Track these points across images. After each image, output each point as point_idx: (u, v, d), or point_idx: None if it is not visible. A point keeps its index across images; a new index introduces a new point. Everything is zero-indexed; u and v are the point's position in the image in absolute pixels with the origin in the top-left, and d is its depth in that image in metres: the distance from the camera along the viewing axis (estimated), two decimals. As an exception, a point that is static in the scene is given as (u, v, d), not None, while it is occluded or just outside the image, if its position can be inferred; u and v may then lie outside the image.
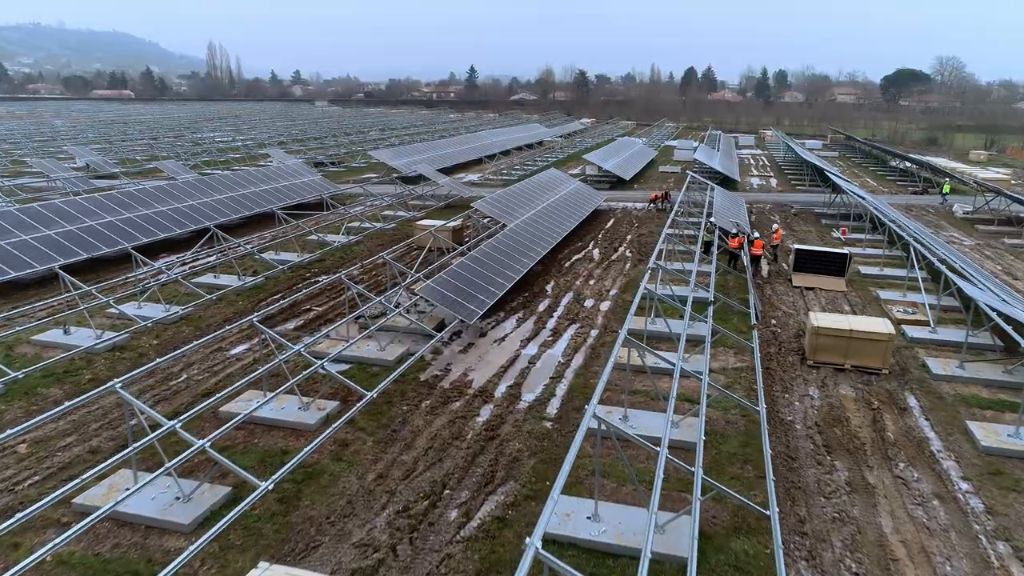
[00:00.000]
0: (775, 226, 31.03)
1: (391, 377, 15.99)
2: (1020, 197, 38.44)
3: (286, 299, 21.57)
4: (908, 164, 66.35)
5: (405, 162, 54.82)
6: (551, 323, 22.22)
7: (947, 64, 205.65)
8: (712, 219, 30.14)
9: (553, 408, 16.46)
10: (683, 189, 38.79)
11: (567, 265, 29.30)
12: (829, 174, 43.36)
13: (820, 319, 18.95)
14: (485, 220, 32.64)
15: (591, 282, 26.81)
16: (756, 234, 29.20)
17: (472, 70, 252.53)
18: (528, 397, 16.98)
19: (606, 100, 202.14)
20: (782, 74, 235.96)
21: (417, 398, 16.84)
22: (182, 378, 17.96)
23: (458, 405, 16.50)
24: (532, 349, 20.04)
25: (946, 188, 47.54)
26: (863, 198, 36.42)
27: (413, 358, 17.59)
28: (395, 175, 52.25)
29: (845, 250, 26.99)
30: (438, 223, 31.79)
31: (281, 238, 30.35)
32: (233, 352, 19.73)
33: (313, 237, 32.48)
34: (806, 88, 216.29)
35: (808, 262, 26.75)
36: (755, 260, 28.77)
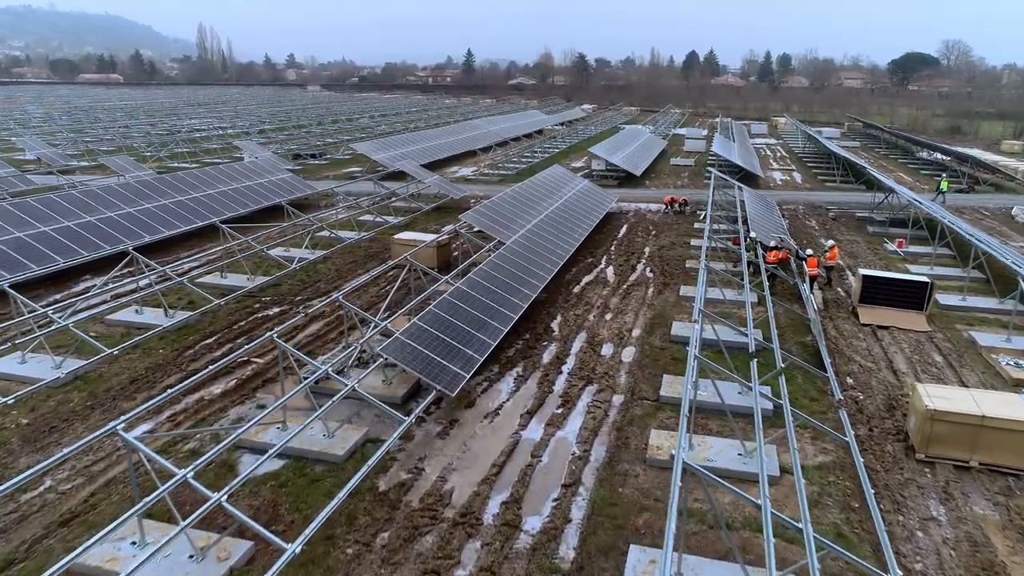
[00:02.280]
0: (830, 243, 25.74)
1: (327, 510, 10.71)
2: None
3: (219, 350, 16.34)
4: (940, 156, 60.93)
5: (390, 155, 49.31)
6: (560, 383, 16.96)
7: (953, 48, 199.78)
8: (753, 234, 24.83)
9: (568, 547, 11.25)
10: (710, 190, 33.41)
11: (576, 291, 24.00)
12: (872, 173, 37.98)
13: (935, 397, 13.70)
14: (475, 230, 27.27)
15: (607, 316, 21.53)
16: (809, 251, 23.93)
17: (469, 54, 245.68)
18: (532, 524, 11.76)
19: (607, 85, 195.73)
20: (785, 58, 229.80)
21: (371, 529, 11.61)
22: (22, 500, 12.71)
23: (429, 542, 11.28)
24: (535, 430, 14.80)
25: (944, 185, 41.81)
26: (919, 202, 31.09)
27: (369, 464, 12.32)
28: (377, 172, 46.74)
29: (924, 276, 21.70)
30: (419, 237, 26.44)
31: (227, 259, 24.96)
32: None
33: (277, 250, 27.16)
34: (811, 73, 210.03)
35: (878, 292, 21.48)
36: (811, 280, 23.58)
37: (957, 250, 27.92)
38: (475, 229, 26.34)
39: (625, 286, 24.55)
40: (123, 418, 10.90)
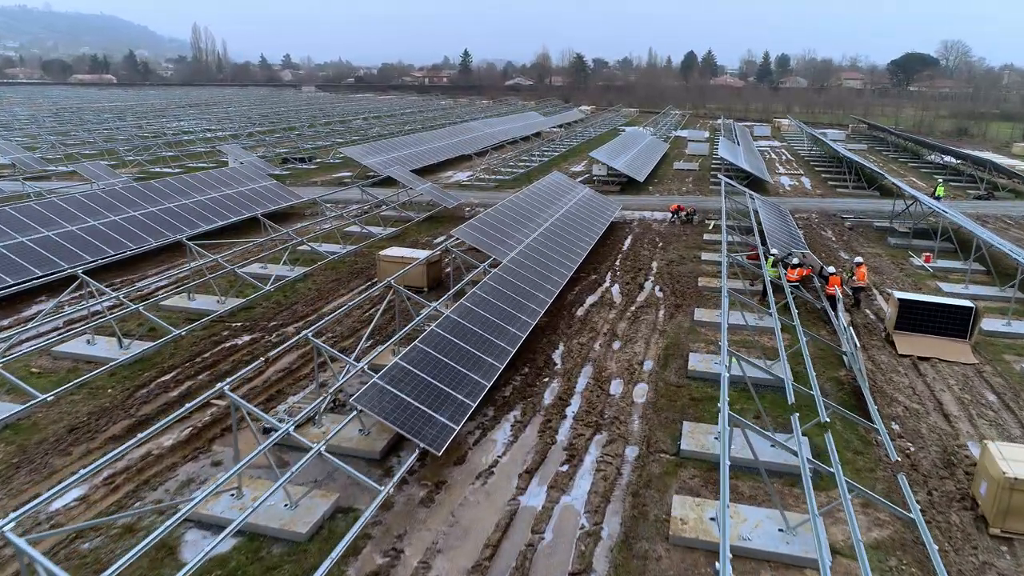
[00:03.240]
0: (858, 259, 23.55)
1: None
2: None
3: (176, 389, 14.11)
4: (952, 159, 58.84)
5: (381, 160, 47.05)
6: (564, 431, 14.76)
7: (952, 48, 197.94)
8: (775, 251, 22.64)
9: (579, 665, 9.04)
10: (722, 198, 31.20)
11: (579, 314, 21.79)
12: (892, 181, 35.85)
13: (1013, 461, 11.52)
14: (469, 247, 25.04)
15: (615, 345, 19.32)
16: (831, 268, 21.76)
17: (466, 54, 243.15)
18: (533, 632, 9.56)
19: (605, 85, 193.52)
20: (784, 59, 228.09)
21: (333, 640, 9.41)
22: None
23: (406, 660, 9.08)
24: (537, 494, 12.59)
25: (940, 190, 39.67)
26: (944, 212, 28.93)
27: (337, 550, 10.10)
28: (368, 178, 44.52)
29: (967, 301, 19.53)
30: (407, 253, 24.21)
31: (197, 279, 22.71)
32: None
33: (254, 267, 24.90)
34: (810, 73, 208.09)
35: (916, 318, 19.31)
36: (831, 300, 21.44)
37: (993, 266, 25.75)
38: (468, 248, 24.13)
39: (633, 308, 22.35)
40: (13, 516, 8.64)
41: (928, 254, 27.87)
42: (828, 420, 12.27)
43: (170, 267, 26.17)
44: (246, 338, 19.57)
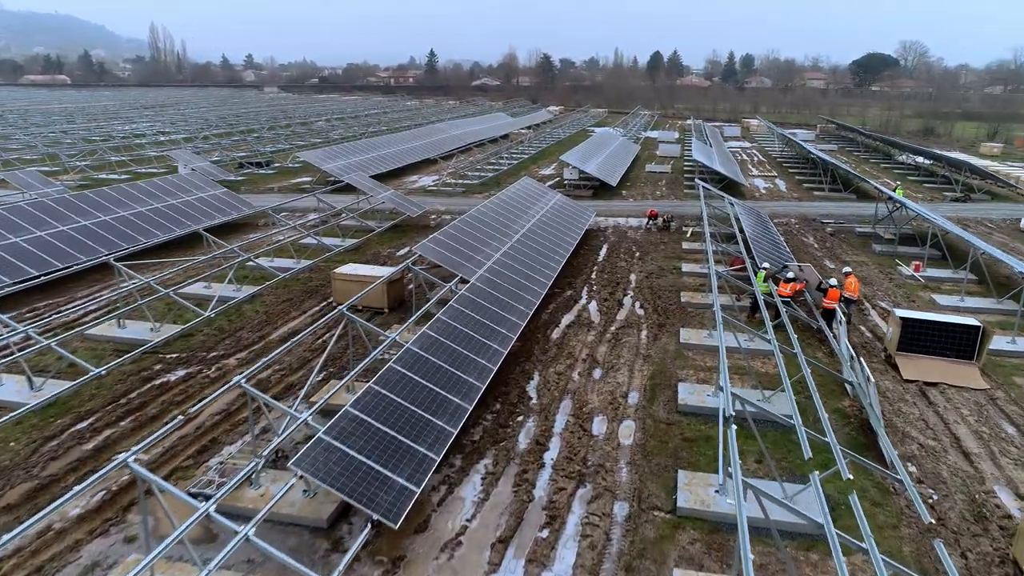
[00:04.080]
0: (846, 270, 22.09)
1: None
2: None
3: (92, 441, 11.86)
4: (923, 160, 58.33)
5: (341, 165, 44.73)
6: (542, 484, 12.85)
7: (911, 49, 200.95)
8: (766, 264, 21.00)
9: None
10: (702, 205, 29.60)
11: (555, 336, 19.92)
12: (874, 185, 34.68)
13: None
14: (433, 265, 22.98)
15: (595, 373, 17.48)
16: (832, 280, 20.21)
17: (432, 54, 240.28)
18: None
19: (573, 86, 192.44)
20: (748, 59, 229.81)
21: None
22: None
23: None
24: (513, 571, 10.66)
25: (899, 192, 38.50)
26: (932, 217, 27.71)
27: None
28: (329, 184, 42.16)
29: (973, 319, 18.09)
30: (365, 271, 22.08)
31: (128, 305, 20.35)
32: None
33: (196, 287, 22.56)
34: (774, 73, 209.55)
35: (919, 338, 17.82)
36: (828, 315, 19.92)
37: (982, 274, 24.50)
38: (432, 266, 22.07)
39: (613, 328, 20.54)
40: None
41: (918, 263, 26.57)
42: (851, 477, 10.52)
43: (103, 288, 23.71)
44: (181, 373, 17.31)
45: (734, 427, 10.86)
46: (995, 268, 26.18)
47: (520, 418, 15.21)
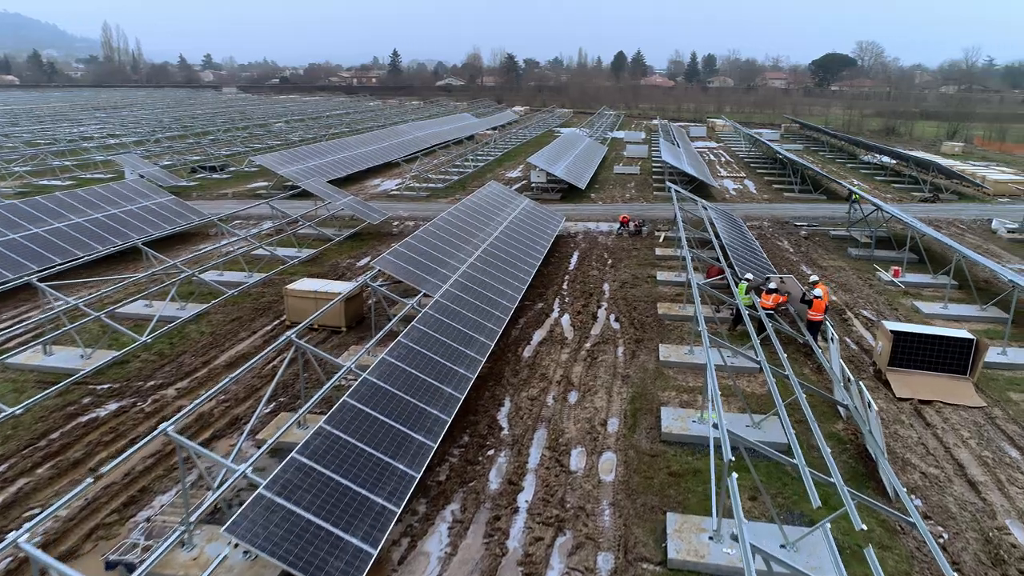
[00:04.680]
0: (813, 278, 21.10)
1: None
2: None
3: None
4: (888, 160, 58.41)
5: (300, 169, 42.82)
6: (517, 532, 11.49)
7: (867, 49, 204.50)
8: (749, 276, 19.90)
9: None
10: (675, 210, 28.52)
11: (527, 355, 18.57)
12: (851, 189, 34.03)
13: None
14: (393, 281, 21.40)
15: (571, 398, 16.18)
16: (817, 291, 19.19)
17: (395, 54, 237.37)
18: None
19: (537, 86, 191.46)
20: (711, 59, 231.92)
21: None
22: None
23: None
24: (486, 646, 9.29)
25: (856, 196, 37.76)
26: (910, 222, 27.03)
27: None
28: (283, 190, 40.27)
29: (965, 331, 17.21)
30: (320, 286, 20.46)
31: (54, 330, 18.45)
32: None
33: (135, 305, 20.71)
34: (736, 73, 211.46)
35: (910, 352, 16.89)
36: (813, 328, 18.91)
37: (963, 279, 23.83)
38: (393, 281, 20.53)
39: (588, 345, 19.27)
40: None
41: (897, 268, 25.83)
42: (865, 527, 9.34)
43: (32, 308, 21.71)
44: (112, 407, 15.56)
45: (735, 475, 9.61)
46: (974, 272, 25.56)
47: (491, 452, 13.83)
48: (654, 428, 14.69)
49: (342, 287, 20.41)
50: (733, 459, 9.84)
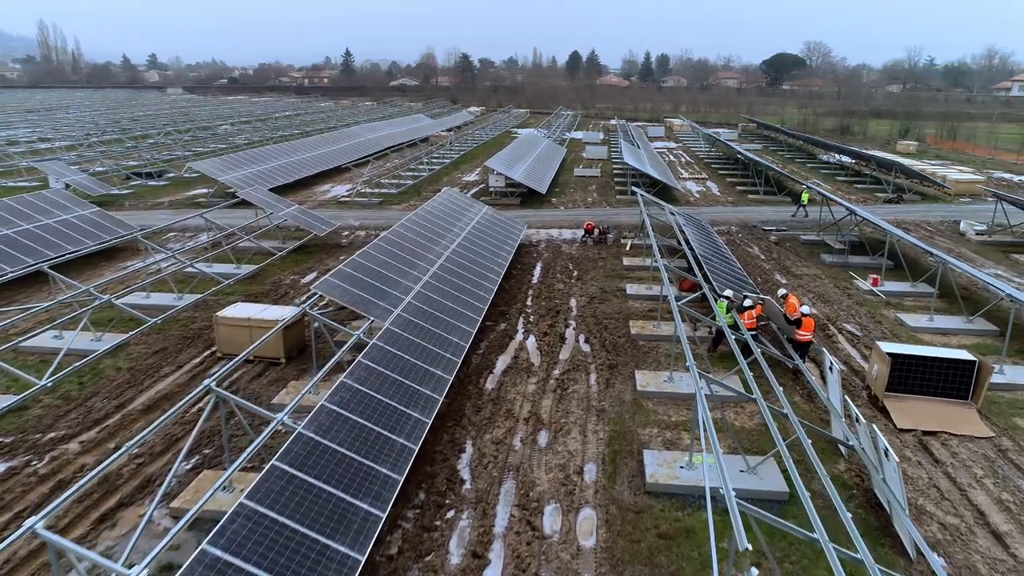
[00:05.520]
0: (782, 291, 19.67)
1: None
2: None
3: None
4: (847, 159, 58.17)
5: (242, 175, 40.16)
6: (484, 623, 9.57)
7: (815, 49, 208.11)
8: (729, 292, 18.30)
9: None
10: (643, 215, 26.90)
11: (489, 387, 16.65)
12: (820, 192, 32.96)
13: None
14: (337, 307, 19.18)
15: (541, 438, 14.32)
16: (805, 309, 17.71)
17: (348, 54, 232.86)
18: None
19: (493, 86, 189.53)
20: (664, 58, 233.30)
21: None
22: None
23: None
24: None
25: (805, 197, 36.72)
26: (888, 228, 25.92)
27: None
28: (225, 197, 37.58)
29: (965, 352, 15.87)
30: (255, 313, 18.20)
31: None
32: None
33: (44, 337, 18.15)
34: (689, 73, 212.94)
35: (908, 376, 15.48)
36: (801, 349, 17.44)
37: (944, 287, 22.71)
38: (338, 308, 18.32)
39: (557, 372, 17.45)
40: None
41: (875, 276, 24.65)
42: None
43: (-78, 342, 18.93)
44: (1, 467, 13.13)
45: (755, 572, 7.82)
46: (952, 278, 24.52)
47: (451, 514, 11.87)
48: (637, 476, 12.92)
49: (281, 312, 18.21)
50: (750, 547, 8.07)
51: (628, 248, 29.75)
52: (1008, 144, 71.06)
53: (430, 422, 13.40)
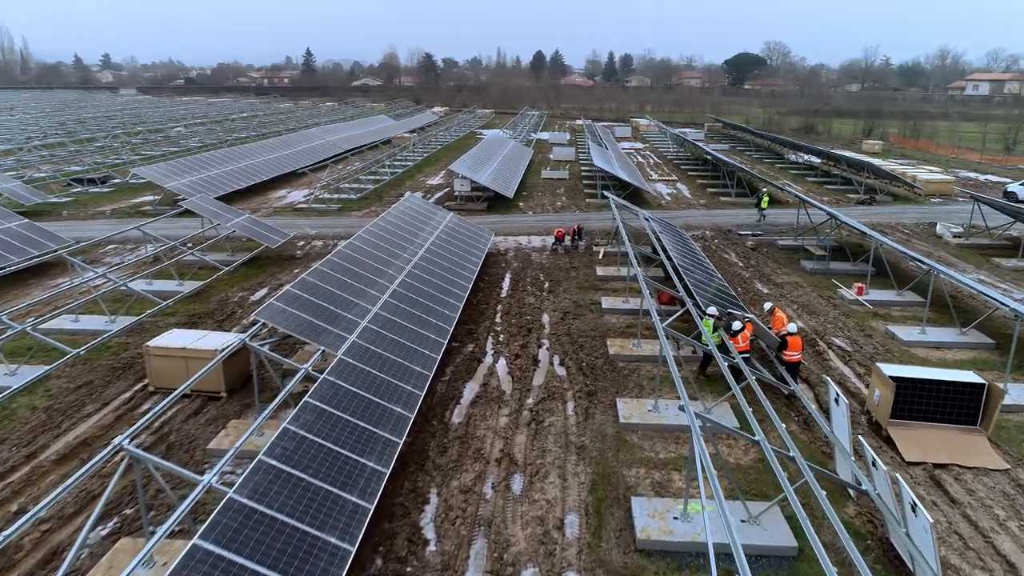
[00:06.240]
0: (768, 305, 18.40)
1: None
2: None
3: None
4: (814, 159, 57.70)
5: (191, 182, 37.81)
6: None
7: (775, 49, 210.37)
8: (713, 309, 16.89)
9: None
10: (617, 222, 25.42)
11: (456, 421, 14.99)
12: (797, 195, 31.91)
13: None
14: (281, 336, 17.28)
15: (515, 484, 12.70)
16: (791, 327, 16.42)
17: (308, 53, 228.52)
18: None
19: (457, 86, 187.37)
20: (627, 58, 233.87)
21: None
22: None
23: None
24: None
25: (764, 201, 35.51)
26: (872, 235, 24.88)
27: None
28: (170, 209, 35.25)
29: (972, 375, 14.66)
30: (191, 342, 16.25)
31: None
32: None
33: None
34: (652, 72, 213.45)
35: (913, 401, 14.22)
36: (792, 368, 16.14)
37: (935, 299, 21.68)
38: (282, 337, 16.44)
39: (531, 402, 15.85)
40: None
41: (860, 285, 23.54)
42: None
43: None
44: None
45: None
46: (937, 286, 23.54)
47: (413, 584, 10.19)
48: (625, 529, 11.38)
49: (221, 340, 16.30)
50: None
51: (601, 256, 28.31)
52: (970, 143, 71.59)
53: (388, 472, 11.68)
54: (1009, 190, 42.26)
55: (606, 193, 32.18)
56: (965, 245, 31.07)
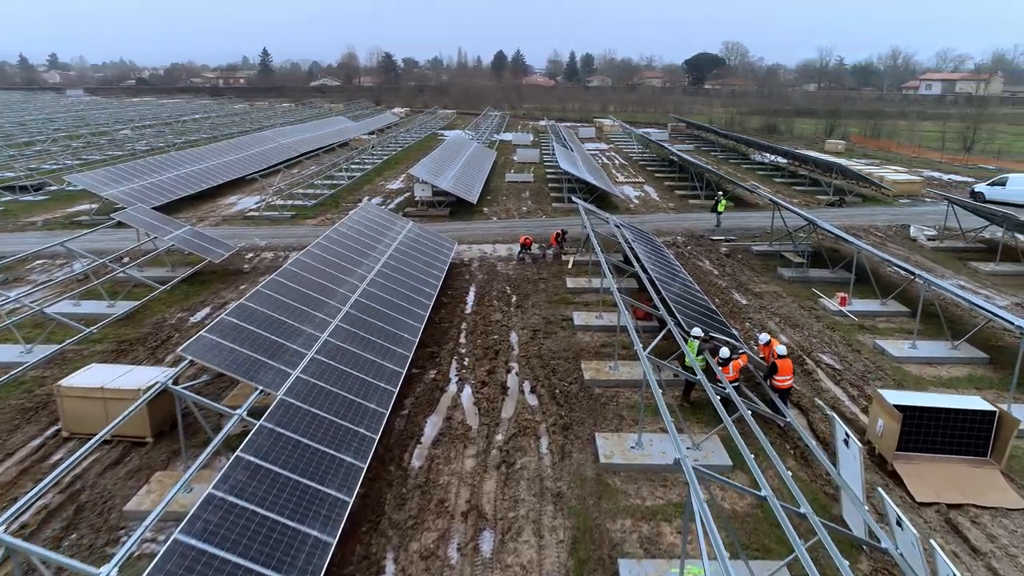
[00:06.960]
0: (764, 337, 17.00)
1: None
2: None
3: None
4: (780, 159, 57.20)
5: (132, 189, 35.34)
6: None
7: (733, 49, 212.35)
8: (697, 330, 15.46)
9: None
10: (588, 230, 23.89)
11: (416, 465, 13.28)
12: (770, 198, 30.82)
13: None
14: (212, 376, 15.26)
15: (485, 544, 11.06)
16: (781, 349, 15.06)
17: (265, 53, 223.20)
18: None
19: (418, 86, 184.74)
20: (588, 58, 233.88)
21: None
22: None
23: None
24: None
25: (721, 206, 34.32)
26: (854, 243, 23.82)
27: None
28: (108, 219, 32.73)
29: (981, 401, 13.45)
30: (111, 380, 14.22)
31: None
32: None
33: None
34: (613, 72, 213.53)
35: (920, 432, 12.97)
36: (782, 393, 14.82)
37: (915, 305, 20.63)
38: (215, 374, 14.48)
39: (500, 439, 14.22)
40: None
41: (843, 295, 22.43)
42: None
43: None
44: None
45: None
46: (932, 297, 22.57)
47: None
48: (611, 597, 9.83)
49: (146, 376, 14.31)
50: None
51: (571, 266, 26.84)
52: (929, 142, 72.03)
53: (335, 540, 9.95)
54: (976, 190, 42.01)
55: (574, 198, 30.69)
56: (940, 248, 30.34)
